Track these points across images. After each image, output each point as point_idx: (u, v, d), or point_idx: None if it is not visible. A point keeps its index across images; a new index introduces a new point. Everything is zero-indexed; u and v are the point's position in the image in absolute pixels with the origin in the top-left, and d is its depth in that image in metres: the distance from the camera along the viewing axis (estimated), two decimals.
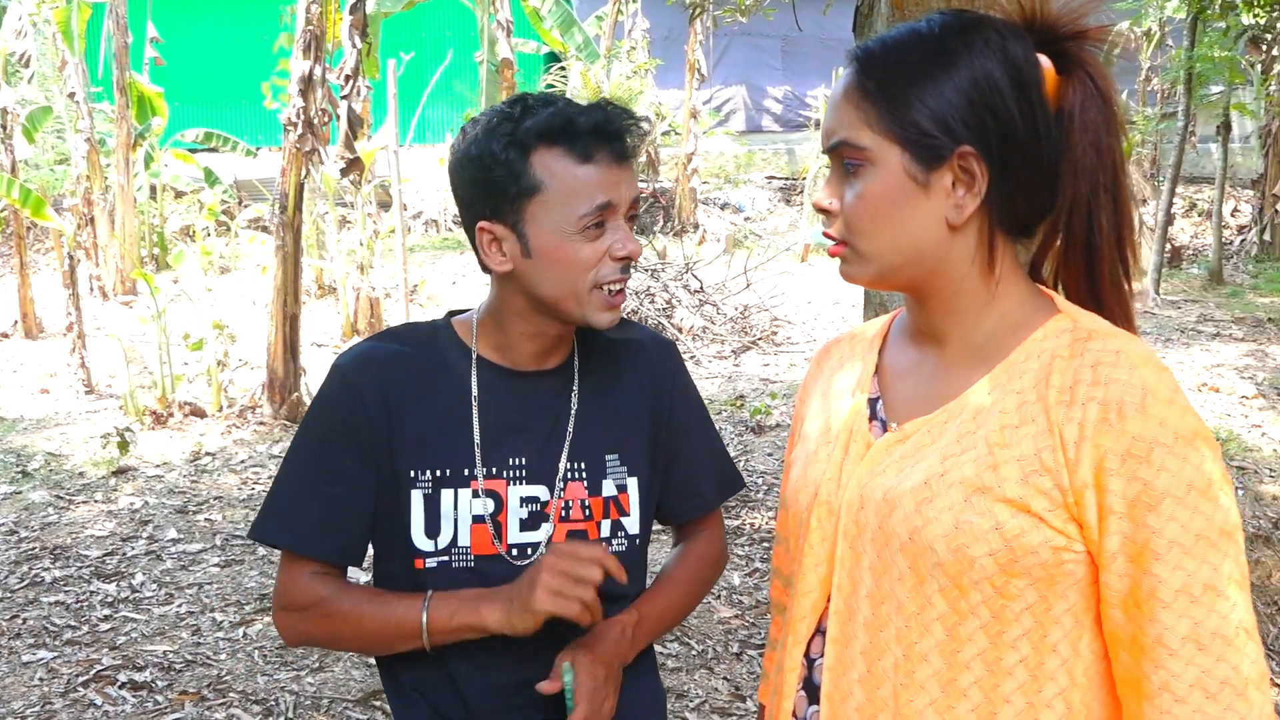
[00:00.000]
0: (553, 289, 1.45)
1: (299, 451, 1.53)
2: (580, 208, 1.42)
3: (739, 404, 7.16)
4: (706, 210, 15.00)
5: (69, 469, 6.02)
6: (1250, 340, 9.53)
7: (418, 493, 1.49)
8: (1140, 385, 1.07)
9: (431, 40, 16.14)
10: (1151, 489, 1.05)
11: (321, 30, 6.89)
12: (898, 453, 1.19)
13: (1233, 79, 11.66)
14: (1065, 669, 1.11)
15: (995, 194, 1.15)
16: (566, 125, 1.42)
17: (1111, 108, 1.16)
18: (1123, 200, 1.17)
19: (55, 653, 3.83)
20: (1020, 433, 1.11)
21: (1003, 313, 1.18)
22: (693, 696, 3.57)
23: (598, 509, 1.54)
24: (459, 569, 1.49)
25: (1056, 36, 1.18)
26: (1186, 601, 1.05)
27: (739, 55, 17.66)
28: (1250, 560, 5.47)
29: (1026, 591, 1.10)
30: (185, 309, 8.27)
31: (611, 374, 1.59)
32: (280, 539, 1.53)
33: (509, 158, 1.43)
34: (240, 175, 14.17)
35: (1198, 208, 15.75)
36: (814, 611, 1.23)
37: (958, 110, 1.13)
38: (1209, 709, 1.04)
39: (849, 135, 1.16)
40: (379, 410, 1.48)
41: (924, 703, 1.13)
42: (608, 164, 1.43)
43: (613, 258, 1.44)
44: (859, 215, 1.17)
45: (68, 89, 11.32)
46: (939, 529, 1.11)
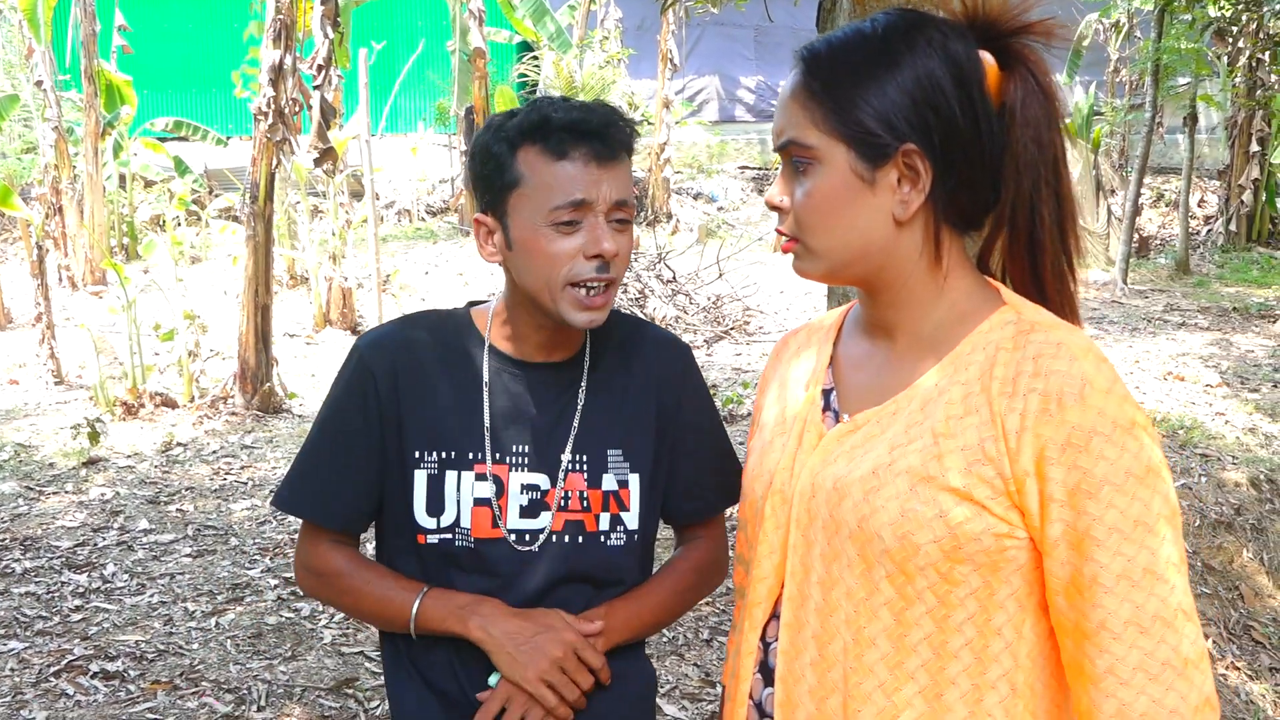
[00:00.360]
0: (530, 281, 1.50)
1: (318, 427, 1.62)
2: (552, 201, 1.46)
3: (711, 393, 7.20)
4: (679, 200, 15.03)
5: (39, 460, 5.99)
6: (1215, 329, 9.66)
7: (421, 473, 1.55)
8: (1079, 376, 1.11)
9: (403, 29, 16.07)
10: (1091, 477, 1.09)
11: (292, 19, 6.87)
12: (849, 443, 1.22)
13: (1199, 71, 11.79)
14: (1009, 651, 1.15)
15: (940, 190, 1.18)
16: (543, 122, 1.48)
17: (1052, 103, 1.19)
18: (1064, 194, 1.21)
19: (26, 643, 3.83)
20: (965, 423, 1.14)
21: (950, 305, 1.21)
22: (664, 682, 3.61)
23: (596, 502, 1.57)
24: (460, 548, 1.55)
25: (998, 33, 1.21)
26: (1127, 586, 1.08)
27: (712, 45, 17.67)
28: (1213, 545, 5.56)
29: (971, 577, 1.13)
30: (156, 299, 8.23)
31: (621, 371, 1.62)
32: (298, 509, 1.63)
33: (498, 153, 1.50)
34: (211, 164, 14.08)
35: (1165, 198, 15.91)
36: (769, 597, 1.27)
37: (901, 109, 1.16)
38: (1152, 690, 1.08)
39: (796, 135, 1.19)
40: (389, 392, 1.56)
41: (873, 685, 1.17)
42: (584, 162, 1.46)
43: (585, 255, 1.47)
44: (808, 212, 1.20)
45: (35, 77, 11.22)
46: (885, 517, 1.14)
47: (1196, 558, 5.46)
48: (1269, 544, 5.70)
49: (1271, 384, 7.83)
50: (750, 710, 1.29)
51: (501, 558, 1.55)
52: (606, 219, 1.48)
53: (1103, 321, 9.91)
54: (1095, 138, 13.94)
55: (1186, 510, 5.65)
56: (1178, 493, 5.45)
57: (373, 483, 1.59)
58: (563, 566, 1.56)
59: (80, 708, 3.41)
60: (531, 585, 1.55)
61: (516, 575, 1.55)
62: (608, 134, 1.48)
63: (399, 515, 1.58)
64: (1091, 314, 10.24)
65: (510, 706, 1.51)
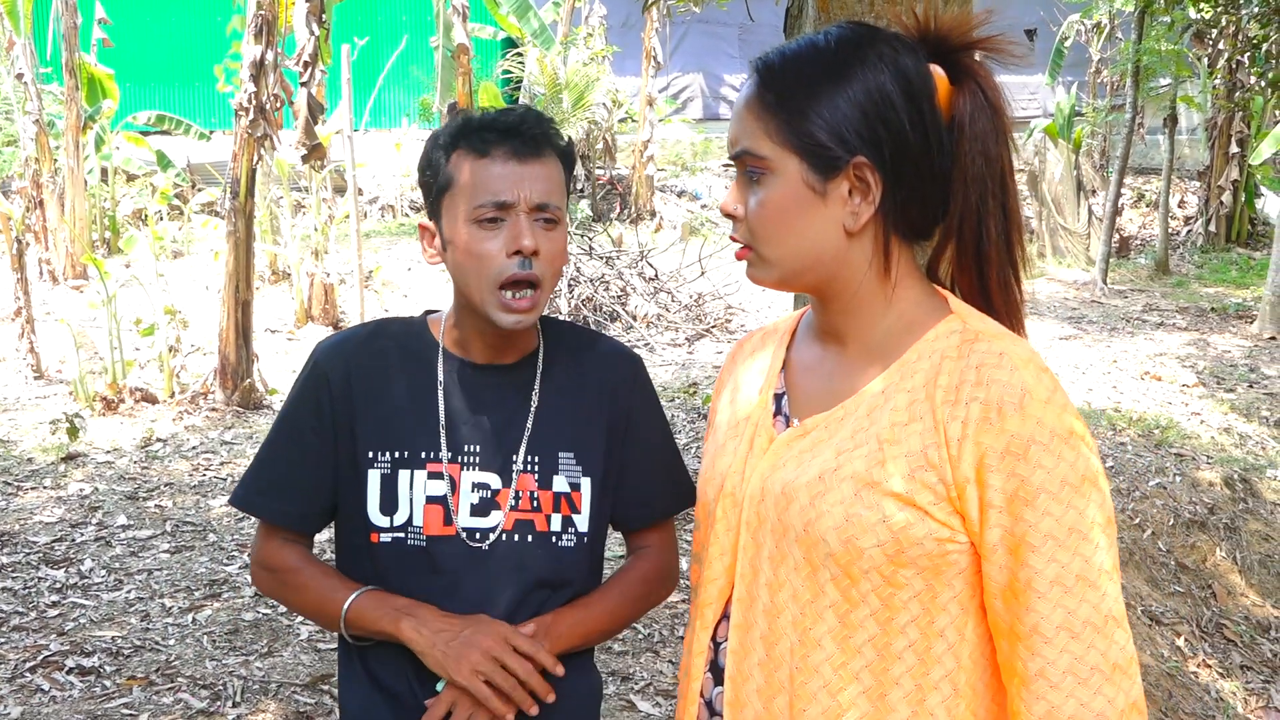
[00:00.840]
0: (462, 281, 1.56)
1: (274, 429, 1.67)
2: (475, 199, 1.52)
3: (692, 391, 7.23)
4: (663, 198, 15.05)
5: (17, 455, 5.98)
6: (1193, 329, 9.74)
7: (375, 472, 1.59)
8: (1020, 386, 1.14)
9: (387, 25, 16.03)
10: (1028, 485, 1.12)
11: (273, 15, 6.86)
12: (797, 448, 1.24)
13: (1179, 72, 11.87)
14: (952, 653, 1.18)
15: (890, 202, 1.20)
16: (466, 123, 1.55)
17: (1001, 118, 1.21)
18: (1011, 207, 1.23)
19: (3, 639, 3.83)
20: (909, 430, 1.17)
21: (899, 313, 1.24)
22: (638, 679, 3.64)
23: (547, 502, 1.60)
24: (412, 546, 1.58)
25: (949, 48, 1.23)
26: (1060, 592, 1.11)
27: (696, 43, 17.69)
28: (1186, 544, 5.62)
29: (914, 580, 1.16)
30: (137, 294, 8.21)
31: (574, 377, 1.66)
32: (253, 507, 1.67)
33: (436, 159, 1.57)
34: (193, 159, 14.03)
35: (1146, 198, 16.01)
36: (720, 598, 1.30)
37: (852, 122, 1.18)
38: (1080, 694, 1.11)
39: (750, 145, 1.22)
40: (342, 395, 1.60)
41: (818, 685, 1.19)
42: (504, 160, 1.51)
43: (506, 252, 1.51)
44: (761, 221, 1.22)
45: (15, 70, 11.16)
46: (830, 521, 1.17)
47: (1170, 556, 5.51)
48: (1242, 543, 5.76)
49: (1247, 384, 7.91)
50: (701, 708, 1.32)
51: (453, 555, 1.57)
52: (530, 218, 1.52)
53: (1082, 321, 9.98)
54: (1076, 138, 14.01)
55: (1160, 509, 5.70)
56: (1153, 491, 5.52)
57: (325, 483, 1.62)
58: (513, 566, 1.58)
59: (56, 703, 3.41)
60: (482, 584, 1.57)
61: (467, 574, 1.57)
62: (524, 130, 1.53)
63: (353, 515, 1.61)
64: (1071, 314, 10.31)
65: (455, 711, 1.52)
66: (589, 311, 8.97)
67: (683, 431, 6.31)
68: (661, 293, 9.56)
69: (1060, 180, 13.42)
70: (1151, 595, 5.18)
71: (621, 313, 9.07)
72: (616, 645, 3.85)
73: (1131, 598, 4.93)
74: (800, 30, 2.29)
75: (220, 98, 12.81)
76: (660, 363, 8.27)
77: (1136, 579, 5.20)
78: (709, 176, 15.98)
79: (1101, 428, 6.64)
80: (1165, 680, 4.50)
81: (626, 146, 15.44)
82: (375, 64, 13.77)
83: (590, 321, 8.91)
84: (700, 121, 17.44)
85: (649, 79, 14.52)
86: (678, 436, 6.20)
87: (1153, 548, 5.47)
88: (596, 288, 9.17)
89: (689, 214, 14.38)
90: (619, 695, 3.54)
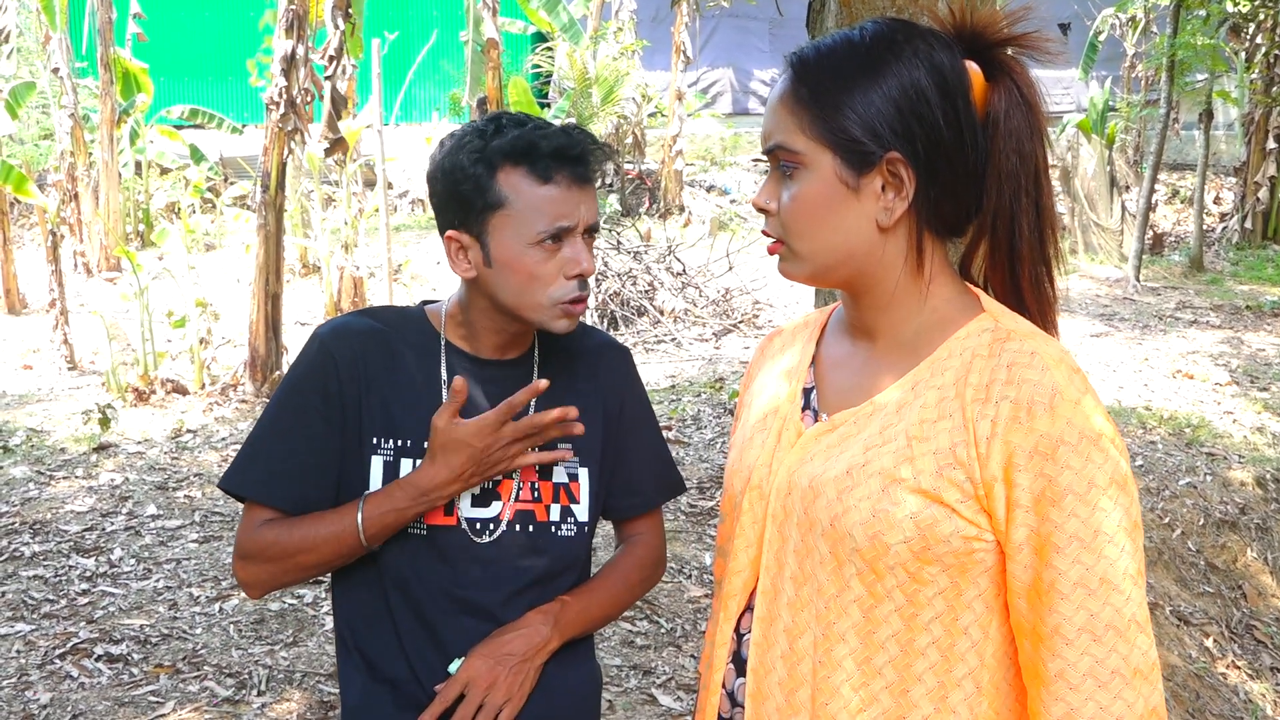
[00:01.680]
0: (512, 298, 1.56)
1: (273, 410, 1.62)
2: (538, 225, 1.52)
3: (718, 386, 7.22)
4: (692, 192, 15.03)
5: (50, 445, 6.05)
6: (1227, 327, 9.62)
7: (379, 458, 1.58)
8: (1050, 386, 1.13)
9: (417, 19, 16.09)
10: (1055, 485, 1.11)
11: (304, 9, 6.90)
12: (825, 442, 1.24)
13: (1215, 67, 11.72)
14: (975, 650, 1.17)
15: (923, 197, 1.20)
16: (530, 147, 1.52)
17: (1036, 115, 1.21)
18: (1045, 205, 1.22)
19: (33, 625, 3.88)
20: (938, 427, 1.17)
21: (931, 310, 1.24)
22: (659, 673, 3.65)
23: (547, 493, 1.63)
24: (414, 535, 1.59)
25: (985, 44, 1.23)
26: (1083, 594, 1.11)
27: (726, 38, 17.65)
28: (1217, 545, 5.56)
29: (939, 577, 1.16)
30: (169, 286, 8.29)
31: (569, 371, 1.68)
32: (244, 488, 1.61)
33: (477, 173, 1.53)
34: (226, 152, 14.15)
35: (1180, 194, 15.84)
36: (744, 590, 1.30)
37: (886, 118, 1.18)
38: (1100, 697, 1.11)
39: (784, 139, 1.22)
40: (350, 378, 1.58)
41: (840, 679, 1.19)
42: (567, 185, 1.53)
43: (566, 276, 1.54)
44: (794, 216, 1.22)
45: (51, 64, 11.29)
46: (857, 516, 1.17)
47: (1200, 556, 5.46)
48: (1273, 544, 5.70)
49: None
50: (723, 699, 1.32)
51: (454, 544, 1.58)
52: (584, 238, 1.55)
53: (1113, 318, 9.88)
54: (1110, 133, 13.87)
55: (1190, 508, 5.64)
56: (1183, 490, 5.47)
57: (329, 466, 1.59)
58: (514, 556, 1.60)
59: (84, 690, 3.46)
60: (484, 574, 1.59)
61: (469, 563, 1.58)
62: (589, 159, 1.54)
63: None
64: (1103, 311, 10.21)
65: (469, 693, 1.54)
66: (616, 306, 8.98)
67: (708, 426, 6.31)
68: (689, 287, 9.55)
69: (1093, 176, 13.30)
70: (1180, 595, 5.13)
71: (649, 307, 9.06)
72: (639, 639, 3.86)
73: (1160, 597, 4.88)
74: (822, 24, 2.29)
75: (253, 92, 12.90)
76: (687, 357, 8.27)
77: (1165, 579, 5.15)
78: (738, 171, 15.95)
79: (1132, 426, 6.58)
80: (1193, 681, 4.45)
81: (655, 141, 15.44)
82: (406, 58, 13.82)
83: (618, 316, 8.91)
84: (729, 116, 17.41)
85: (678, 73, 14.50)
86: (703, 431, 6.20)
87: (1182, 547, 5.41)
88: (624, 282, 9.17)
89: (717, 209, 14.36)
90: (640, 689, 3.55)
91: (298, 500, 1.59)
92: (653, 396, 6.98)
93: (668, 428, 6.24)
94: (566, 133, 1.55)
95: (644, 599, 4.09)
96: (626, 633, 3.89)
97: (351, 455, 1.59)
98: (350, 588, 1.64)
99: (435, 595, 1.58)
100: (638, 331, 8.81)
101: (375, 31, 10.29)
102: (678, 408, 6.65)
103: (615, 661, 3.69)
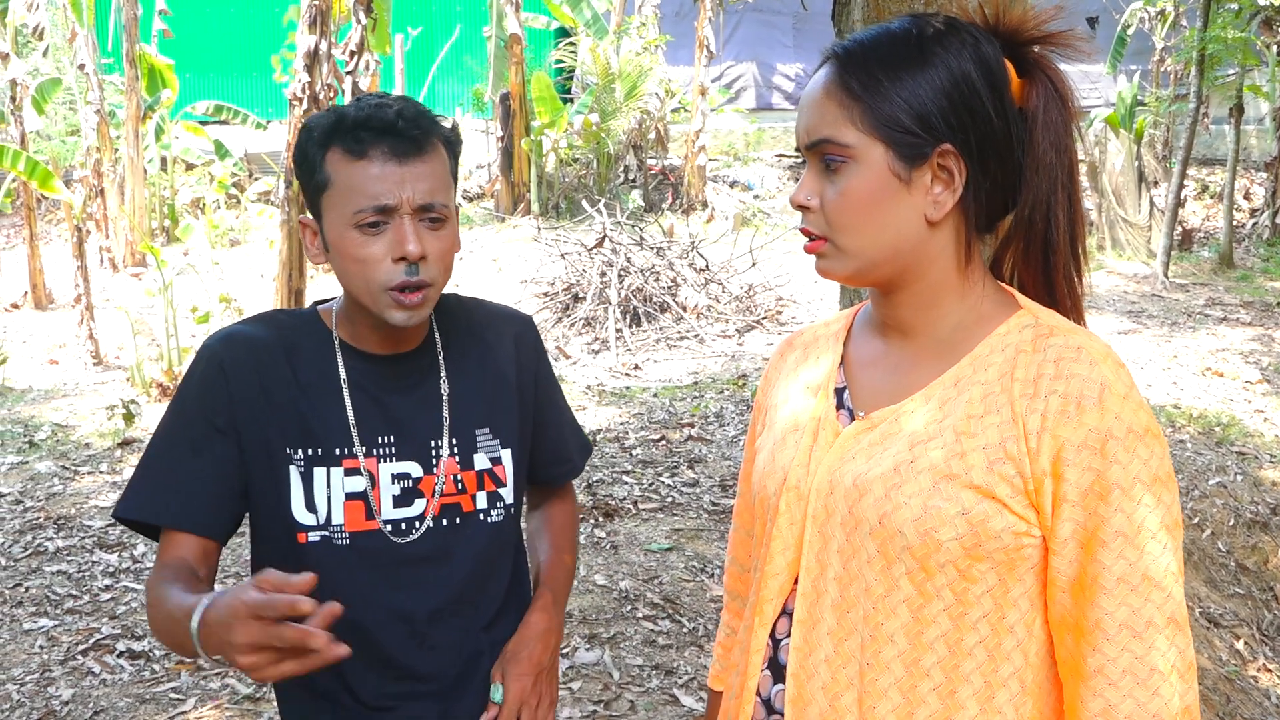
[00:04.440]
0: (348, 284, 1.48)
1: (168, 430, 1.52)
2: (355, 204, 1.43)
3: (741, 383, 7.18)
4: (715, 188, 14.98)
5: (75, 440, 6.08)
6: (1257, 325, 9.51)
7: (294, 469, 1.50)
8: (1099, 380, 1.13)
9: (441, 15, 16.11)
10: (1103, 479, 1.11)
11: (328, 5, 6.90)
12: (866, 440, 1.22)
13: (1246, 61, 11.59)
14: (1020, 649, 1.16)
15: (971, 191, 1.19)
16: (339, 121, 1.44)
17: (1070, 109, 1.21)
18: (1077, 198, 1.22)
19: (56, 621, 3.89)
20: (985, 422, 1.16)
21: (970, 306, 1.23)
22: (681, 673, 3.61)
23: (471, 482, 1.57)
24: (339, 545, 1.51)
25: (1020, 41, 1.22)
26: (1126, 590, 1.10)
27: (750, 32, 17.59)
28: (1247, 545, 5.48)
29: (988, 575, 1.15)
30: (193, 281, 8.32)
31: (476, 352, 1.62)
32: (147, 514, 1.49)
33: (311, 155, 1.47)
34: (250, 148, 14.21)
35: (1210, 190, 15.67)
36: (781, 594, 1.27)
37: (939, 108, 1.16)
38: (1138, 694, 1.10)
39: (832, 133, 1.19)
40: (249, 389, 1.50)
41: (888, 681, 1.17)
42: (383, 160, 1.42)
43: (391, 259, 1.44)
44: (842, 211, 1.19)
45: (77, 61, 11.36)
46: (908, 513, 1.15)
47: (1230, 557, 5.39)
48: None
49: None
50: (758, 707, 1.29)
51: (379, 550, 1.52)
52: (414, 219, 1.44)
53: (1141, 315, 9.78)
54: (1138, 128, 13.72)
55: (1220, 508, 5.57)
56: (1213, 490, 5.39)
57: (234, 483, 1.50)
58: (444, 552, 1.55)
59: (106, 686, 3.46)
60: (417, 576, 1.54)
61: (399, 566, 1.53)
62: (403, 128, 1.43)
63: (274, 518, 1.52)
64: (1131, 307, 10.11)
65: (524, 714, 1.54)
66: (639, 302, 8.95)
67: (731, 424, 6.27)
68: (712, 284, 9.51)
69: (1121, 171, 13.16)
70: (1210, 597, 5.06)
71: (671, 303, 9.03)
72: (660, 639, 3.83)
73: (1190, 599, 4.82)
74: (848, 18, 2.25)
75: (277, 88, 12.95)
76: (709, 354, 8.23)
77: (1195, 580, 5.08)
78: (761, 167, 15.89)
79: (1161, 424, 6.50)
80: (1223, 684, 4.39)
81: (679, 136, 15.40)
82: (429, 54, 13.84)
83: (640, 313, 8.89)
84: (753, 111, 17.34)
85: (702, 68, 14.46)
86: (726, 429, 6.16)
87: (1212, 548, 5.34)
88: (647, 278, 9.14)
89: (741, 204, 14.31)
90: (662, 689, 3.52)
91: (206, 524, 1.48)
92: (675, 393, 6.96)
93: (690, 425, 6.21)
94: (380, 104, 1.45)
95: (666, 598, 4.06)
96: (648, 632, 3.86)
97: (261, 468, 1.50)
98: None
99: (366, 603, 1.51)
100: (660, 328, 8.78)
101: (399, 27, 10.30)
102: (700, 405, 6.62)
103: (637, 661, 3.66)
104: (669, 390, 7.08)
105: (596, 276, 9.02)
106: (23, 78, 9.28)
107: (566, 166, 14.20)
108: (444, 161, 1.48)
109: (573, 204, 13.17)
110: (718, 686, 1.50)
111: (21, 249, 11.08)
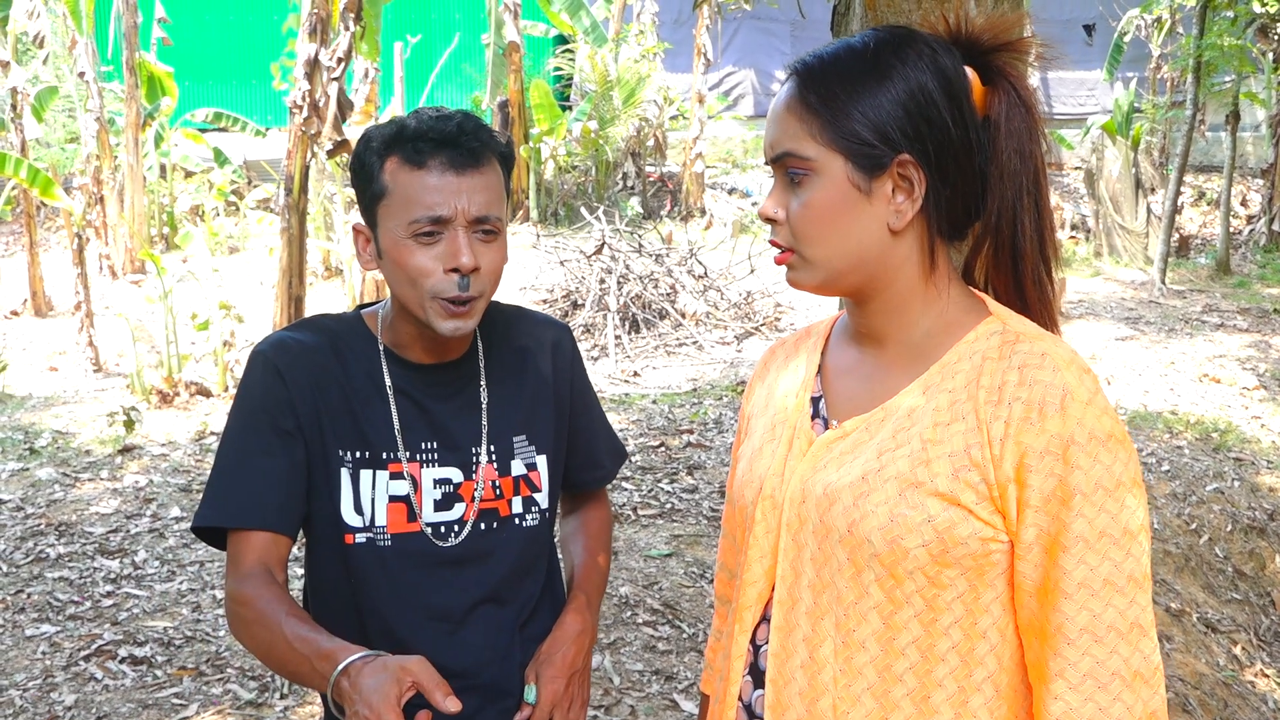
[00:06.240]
0: (400, 291, 1.52)
1: (234, 438, 1.56)
2: (411, 214, 1.47)
3: (740, 390, 7.20)
4: (713, 195, 15.02)
5: (76, 447, 6.09)
6: (1254, 331, 9.53)
7: (345, 470, 1.55)
8: (1061, 387, 1.14)
9: (440, 22, 16.15)
10: (1065, 485, 1.13)
11: (327, 13, 6.93)
12: (838, 449, 1.25)
13: (1242, 68, 11.63)
14: (994, 654, 1.18)
15: (932, 199, 1.21)
16: (399, 131, 1.49)
17: (1034, 116, 1.23)
18: (1043, 203, 1.24)
19: (58, 627, 3.91)
20: (951, 430, 1.17)
21: (938, 314, 1.25)
22: (682, 679, 3.63)
23: (508, 488, 1.62)
24: (382, 547, 1.56)
25: (981, 50, 1.25)
26: (1087, 595, 1.12)
27: (747, 40, 17.63)
28: (1244, 551, 5.50)
29: (957, 581, 1.16)
30: (193, 289, 8.34)
31: (515, 360, 1.66)
32: (223, 519, 1.53)
33: (369, 163, 1.51)
34: (250, 155, 14.23)
35: (1206, 197, 15.71)
36: (759, 601, 1.29)
37: (896, 120, 1.19)
38: (1099, 698, 1.12)
39: (793, 146, 1.22)
40: (304, 391, 1.54)
41: (862, 687, 1.19)
42: (441, 171, 1.46)
43: (444, 269, 1.47)
44: (805, 223, 1.22)
45: (77, 68, 11.39)
46: (875, 522, 1.17)
47: (1227, 563, 5.41)
48: None
49: None
50: (739, 712, 1.31)
51: (420, 552, 1.56)
52: (469, 231, 1.48)
53: (1139, 322, 9.81)
54: (1135, 135, 13.77)
55: (1218, 514, 5.59)
56: (1210, 496, 5.40)
57: (301, 482, 1.54)
58: (482, 556, 1.59)
59: (108, 691, 3.47)
60: (456, 578, 1.58)
61: (440, 569, 1.57)
62: (462, 141, 1.47)
63: (326, 518, 1.56)
64: (1128, 314, 10.14)
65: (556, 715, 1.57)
66: (637, 309, 8.97)
67: (730, 430, 6.29)
68: (711, 290, 9.53)
69: (1118, 178, 13.20)
70: (1208, 602, 5.08)
71: (670, 310, 9.05)
72: (660, 645, 3.85)
73: (1187, 604, 4.83)
74: (848, 28, 2.28)
75: (276, 95, 12.97)
76: (708, 361, 8.25)
77: (1193, 585, 5.10)
78: (759, 174, 15.92)
79: (1158, 430, 6.52)
80: (1221, 690, 4.40)
81: (677, 143, 15.43)
82: (428, 61, 13.87)
83: (639, 319, 8.91)
84: (751, 118, 17.37)
85: (700, 76, 14.50)
86: (725, 435, 6.19)
87: (1209, 554, 5.36)
88: (645, 285, 9.16)
89: (739, 211, 14.34)
90: (662, 694, 3.53)
91: (280, 519, 1.53)
92: (674, 400, 6.98)
93: (689, 431, 6.23)
94: (441, 115, 1.49)
95: (666, 604, 4.08)
96: (648, 637, 3.88)
97: (318, 467, 1.55)
98: (323, 599, 1.62)
99: (404, 604, 1.56)
100: (659, 334, 8.80)
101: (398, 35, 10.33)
102: (699, 411, 6.64)
103: (637, 666, 3.68)
104: (668, 397, 7.11)
105: (595, 283, 9.04)
106: (23, 85, 9.32)
107: (565, 174, 14.24)
108: (499, 175, 1.52)
109: (571, 211, 13.20)
110: (708, 690, 1.53)
111: (21, 256, 11.10)
